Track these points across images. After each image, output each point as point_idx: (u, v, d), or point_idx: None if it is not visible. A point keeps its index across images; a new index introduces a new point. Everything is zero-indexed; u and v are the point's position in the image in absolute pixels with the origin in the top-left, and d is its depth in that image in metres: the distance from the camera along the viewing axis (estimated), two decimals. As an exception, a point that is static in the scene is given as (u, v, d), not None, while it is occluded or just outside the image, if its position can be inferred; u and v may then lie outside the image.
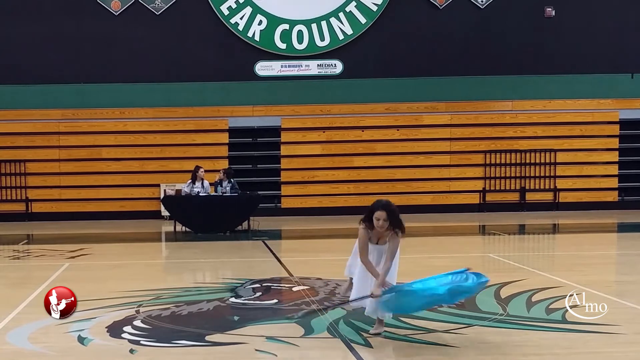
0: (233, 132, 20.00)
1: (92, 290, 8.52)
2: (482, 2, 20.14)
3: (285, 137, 20.14)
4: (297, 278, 9.62)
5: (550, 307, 7.58)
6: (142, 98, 19.84)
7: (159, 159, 19.85)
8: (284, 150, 20.12)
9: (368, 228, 6.39)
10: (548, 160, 20.29)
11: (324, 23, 20.16)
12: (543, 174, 20.33)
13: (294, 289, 8.88)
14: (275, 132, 20.12)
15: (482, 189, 20.32)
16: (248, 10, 20.05)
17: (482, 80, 20.20)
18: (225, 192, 15.57)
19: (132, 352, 6.18)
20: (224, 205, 15.47)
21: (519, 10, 20.19)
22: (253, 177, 19.48)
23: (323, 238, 15.41)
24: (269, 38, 20.10)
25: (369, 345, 6.28)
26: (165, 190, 17.06)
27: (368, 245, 6.43)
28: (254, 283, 9.32)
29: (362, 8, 20.14)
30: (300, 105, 20.08)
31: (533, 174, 20.34)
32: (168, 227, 17.13)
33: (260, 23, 20.10)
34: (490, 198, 20.32)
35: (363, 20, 20.15)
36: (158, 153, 19.86)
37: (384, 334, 6.54)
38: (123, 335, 6.66)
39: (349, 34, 20.18)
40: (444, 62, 20.05)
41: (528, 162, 20.29)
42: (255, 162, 20.05)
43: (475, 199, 20.30)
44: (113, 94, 19.74)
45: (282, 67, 20.15)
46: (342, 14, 20.15)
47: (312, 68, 20.18)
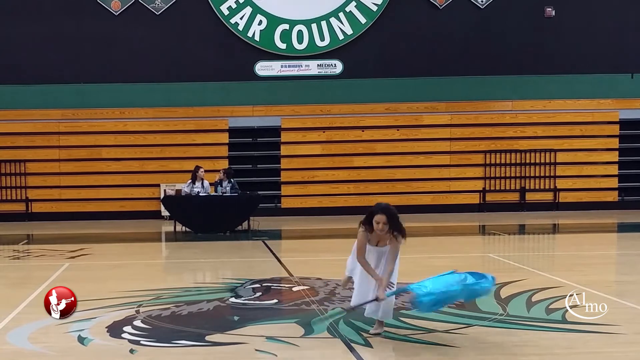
0: (233, 132, 20.00)
1: (92, 290, 8.52)
2: (482, 2, 20.14)
3: (285, 137, 20.14)
4: (297, 278, 9.62)
5: (550, 307, 7.58)
6: (142, 98, 19.84)
7: (159, 159, 19.84)
8: (284, 150, 20.12)
9: (367, 231, 6.40)
10: (548, 160, 20.29)
11: (324, 23, 20.16)
12: (543, 174, 20.33)
13: (294, 289, 8.88)
14: (275, 132, 20.12)
15: (482, 189, 20.32)
16: (248, 10, 20.05)
17: (482, 80, 20.20)
18: (225, 192, 15.57)
19: (132, 352, 6.18)
20: (224, 205, 15.47)
21: (519, 10, 20.19)
22: (253, 177, 19.48)
23: (323, 238, 15.41)
24: (269, 38, 20.10)
25: (369, 345, 6.28)
26: (165, 190, 17.05)
27: (366, 247, 6.45)
28: (254, 283, 9.32)
29: (362, 8, 20.14)
30: (300, 105, 20.08)
31: (533, 174, 20.33)
32: (168, 227, 17.13)
33: (260, 23, 20.09)
34: (490, 198, 20.32)
35: (363, 20, 20.15)
36: (158, 153, 19.86)
37: (384, 334, 6.54)
38: (123, 335, 6.66)
39: (349, 34, 20.18)
40: (444, 62, 20.05)
41: (528, 162, 20.29)
42: (255, 162, 20.05)
43: (475, 199, 20.30)
44: (113, 94, 19.74)
45: (282, 67, 20.15)
46: (342, 14, 20.15)
47: (312, 68, 20.18)
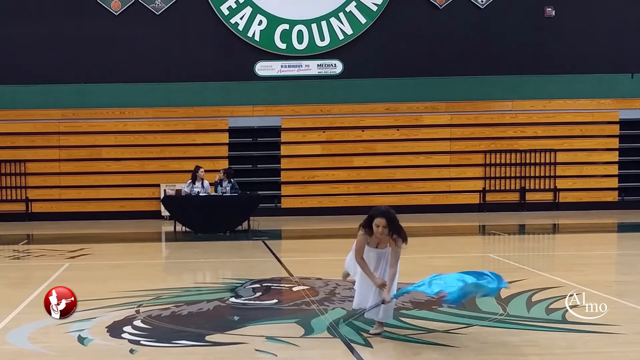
0: (233, 132, 20.00)
1: (92, 290, 8.52)
2: (482, 2, 20.14)
3: (285, 137, 20.14)
4: (297, 278, 9.62)
5: (550, 307, 7.58)
6: (142, 98, 19.83)
7: (159, 159, 19.84)
8: (284, 150, 20.12)
9: (367, 234, 6.41)
10: (548, 160, 20.29)
11: (324, 23, 20.15)
12: (543, 174, 20.33)
13: (294, 289, 8.87)
14: (275, 132, 20.11)
15: (482, 189, 20.32)
16: (248, 10, 20.04)
17: (482, 80, 20.20)
18: (225, 192, 15.57)
19: (132, 352, 6.18)
20: (224, 205, 15.47)
21: (519, 10, 20.19)
22: (253, 177, 19.47)
23: (323, 238, 15.40)
24: (269, 38, 20.10)
25: (369, 345, 6.28)
26: (165, 190, 17.04)
27: (364, 248, 6.47)
28: (254, 283, 9.32)
29: (362, 8, 20.14)
30: (300, 105, 20.08)
31: (533, 174, 20.33)
32: (168, 227, 17.13)
33: (260, 23, 20.09)
34: (490, 198, 20.32)
35: (363, 20, 20.15)
36: (158, 153, 19.86)
37: (384, 334, 6.54)
38: (123, 335, 6.66)
39: (349, 34, 20.18)
40: (444, 62, 20.05)
41: (528, 162, 20.29)
42: (255, 162, 20.05)
43: (475, 199, 20.30)
44: (113, 94, 19.74)
45: (282, 67, 20.15)
46: (342, 14, 20.15)
47: (312, 68, 20.17)
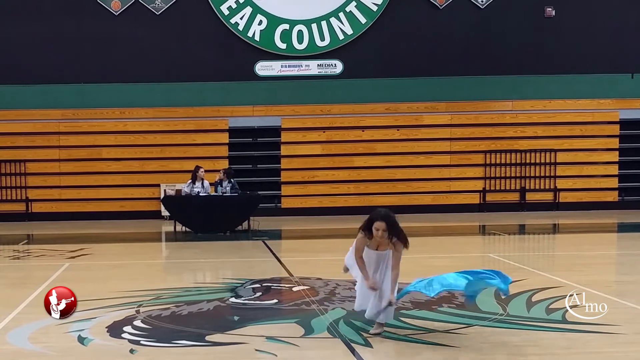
0: (233, 132, 19.99)
1: (92, 290, 8.52)
2: (482, 2, 20.14)
3: (285, 137, 20.14)
4: (297, 278, 9.62)
5: (550, 307, 7.58)
6: (142, 98, 19.83)
7: (159, 159, 19.84)
8: (284, 150, 20.12)
9: (367, 237, 6.41)
10: (548, 160, 20.29)
11: (324, 23, 20.15)
12: (543, 174, 20.33)
13: (294, 289, 8.87)
14: (275, 132, 20.11)
15: (482, 189, 20.32)
16: (248, 10, 20.04)
17: (482, 80, 20.20)
18: (225, 192, 15.57)
19: (132, 352, 6.18)
20: (224, 205, 15.47)
21: (519, 10, 20.19)
22: (253, 177, 19.47)
23: (323, 238, 15.39)
24: (269, 38, 20.10)
25: (369, 345, 6.28)
26: (165, 190, 17.03)
27: (363, 249, 6.49)
28: (254, 283, 9.32)
29: (362, 8, 20.13)
30: (300, 105, 20.07)
31: (533, 174, 20.33)
32: (168, 227, 17.13)
33: (261, 23, 20.09)
34: (490, 198, 20.32)
35: (363, 20, 20.15)
36: (158, 153, 19.86)
37: (384, 334, 6.54)
38: (123, 335, 6.66)
39: (349, 34, 20.18)
40: (444, 62, 20.04)
41: (528, 162, 20.28)
42: (255, 162, 20.04)
43: (476, 199, 20.30)
44: (113, 94, 19.74)
45: (282, 67, 20.14)
46: (342, 14, 20.15)
47: (312, 68, 20.17)
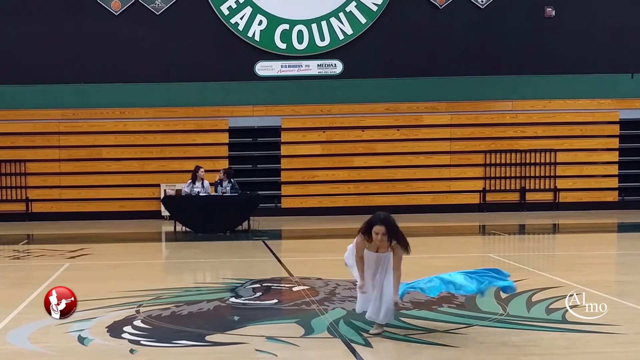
0: (233, 132, 19.99)
1: (92, 290, 8.52)
2: (482, 2, 20.13)
3: (285, 137, 20.14)
4: (297, 278, 9.62)
5: (551, 307, 7.58)
6: (142, 98, 19.83)
7: (159, 159, 19.84)
8: (284, 150, 20.12)
9: (366, 240, 6.41)
10: (548, 160, 20.29)
11: (324, 23, 20.15)
12: (543, 174, 20.32)
13: (294, 289, 8.88)
14: (275, 132, 20.11)
15: (482, 189, 20.31)
16: (248, 10, 20.04)
17: (482, 80, 20.20)
18: (226, 192, 15.57)
19: (132, 352, 6.19)
20: (224, 205, 15.47)
21: (519, 10, 20.18)
22: (253, 177, 19.47)
23: (323, 238, 15.39)
24: (269, 38, 20.10)
25: (369, 345, 6.28)
26: (165, 190, 17.03)
27: (363, 250, 6.49)
28: (254, 283, 9.32)
29: (362, 8, 20.13)
30: (300, 105, 20.07)
31: (533, 174, 20.33)
32: (168, 227, 17.13)
33: (261, 23, 20.09)
34: (490, 198, 20.31)
35: (363, 20, 20.14)
36: (158, 153, 19.86)
37: (384, 334, 6.55)
38: (123, 335, 6.66)
39: (349, 34, 20.17)
40: (444, 62, 20.04)
41: (528, 162, 20.28)
42: (255, 162, 20.04)
43: (475, 199, 20.30)
44: (113, 94, 19.74)
45: (282, 67, 20.14)
46: (342, 14, 20.14)
47: (312, 68, 20.17)
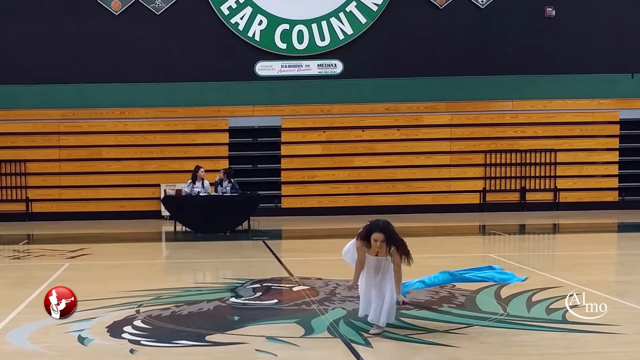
0: (233, 132, 19.99)
1: (92, 290, 8.52)
2: (482, 2, 20.13)
3: (286, 137, 20.14)
4: (297, 278, 9.62)
5: (551, 307, 7.58)
6: (142, 98, 19.83)
7: (159, 159, 19.84)
8: (284, 150, 20.12)
9: (365, 246, 6.42)
10: (548, 160, 20.28)
11: (324, 23, 20.15)
12: (543, 174, 20.32)
13: (294, 289, 8.87)
14: (276, 132, 20.11)
15: (482, 189, 20.31)
16: (248, 10, 20.04)
17: (482, 80, 20.19)
18: (226, 192, 15.56)
19: (132, 352, 6.18)
20: (224, 205, 15.47)
21: (519, 10, 20.18)
22: (253, 177, 19.46)
23: (323, 238, 15.38)
24: (269, 38, 20.10)
25: (369, 345, 6.28)
26: (166, 190, 17.03)
27: (364, 255, 6.51)
28: (254, 283, 9.32)
29: (362, 8, 20.13)
30: (301, 105, 20.07)
31: (533, 174, 20.33)
32: (168, 227, 17.13)
33: (261, 23, 20.09)
34: (491, 198, 20.31)
35: (363, 20, 20.15)
36: (158, 153, 19.86)
37: (384, 334, 6.55)
38: (123, 335, 6.66)
39: (349, 34, 20.17)
40: (444, 62, 20.04)
41: (528, 162, 20.28)
42: (256, 162, 20.04)
43: (476, 199, 20.30)
44: (113, 94, 19.74)
45: (282, 67, 20.14)
46: (342, 14, 20.14)
47: (312, 68, 20.17)
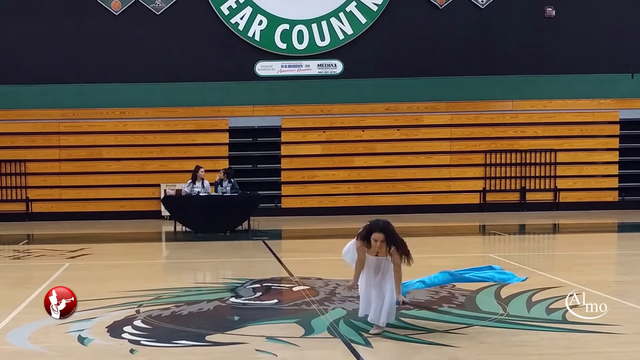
0: (233, 132, 19.99)
1: (92, 290, 8.52)
2: (482, 2, 20.13)
3: (286, 137, 20.14)
4: (297, 278, 9.62)
5: (551, 307, 7.58)
6: (142, 98, 19.83)
7: (159, 159, 19.84)
8: (284, 150, 20.12)
9: (365, 246, 6.41)
10: (548, 160, 20.28)
11: (324, 23, 20.15)
12: (543, 174, 20.32)
13: (294, 289, 8.87)
14: (276, 132, 20.11)
15: (482, 189, 20.31)
16: (248, 10, 20.04)
17: (482, 80, 20.19)
18: (226, 192, 15.56)
19: (132, 352, 6.19)
20: (224, 205, 15.47)
21: (519, 10, 20.18)
22: (253, 177, 19.46)
23: (323, 238, 15.38)
24: (269, 38, 20.10)
25: (369, 345, 6.28)
26: (166, 190, 17.03)
27: (364, 255, 6.51)
28: (254, 283, 9.32)
29: (362, 8, 20.13)
30: (301, 105, 20.07)
31: (533, 174, 20.33)
32: (168, 227, 17.13)
33: (261, 23, 20.09)
34: (491, 198, 20.31)
35: (363, 20, 20.14)
36: (158, 153, 19.86)
37: (384, 334, 6.55)
38: (123, 335, 6.66)
39: (349, 34, 20.17)
40: (444, 62, 20.04)
41: (528, 162, 20.28)
42: (256, 162, 20.04)
43: (476, 199, 20.30)
44: (113, 94, 19.74)
45: (282, 67, 20.14)
46: (342, 14, 20.14)
47: (312, 68, 20.17)
